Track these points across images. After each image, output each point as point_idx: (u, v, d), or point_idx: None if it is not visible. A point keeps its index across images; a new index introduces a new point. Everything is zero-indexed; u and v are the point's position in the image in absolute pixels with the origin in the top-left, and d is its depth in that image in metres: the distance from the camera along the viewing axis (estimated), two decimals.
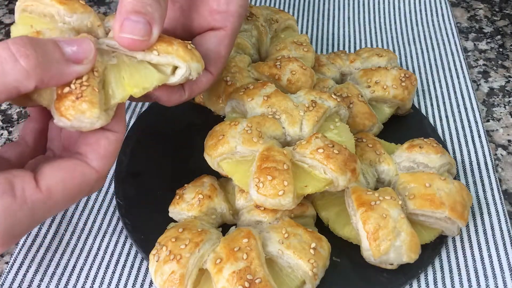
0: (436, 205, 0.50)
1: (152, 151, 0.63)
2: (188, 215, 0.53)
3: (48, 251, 0.54)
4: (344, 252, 0.52)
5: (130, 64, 0.44)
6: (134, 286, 0.52)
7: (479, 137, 0.65)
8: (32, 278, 0.52)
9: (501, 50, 0.80)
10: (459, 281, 0.52)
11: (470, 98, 0.71)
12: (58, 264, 0.54)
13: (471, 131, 0.66)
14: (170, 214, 0.54)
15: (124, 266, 0.54)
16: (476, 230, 0.56)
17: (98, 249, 0.55)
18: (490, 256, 0.54)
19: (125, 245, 0.56)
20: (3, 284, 0.51)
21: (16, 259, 0.53)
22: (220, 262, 0.46)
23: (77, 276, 0.53)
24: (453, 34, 0.81)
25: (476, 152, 0.64)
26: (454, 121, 0.68)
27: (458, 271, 0.53)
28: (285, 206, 0.49)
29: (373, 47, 0.71)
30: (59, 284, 0.52)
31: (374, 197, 0.51)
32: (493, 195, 0.59)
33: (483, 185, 0.60)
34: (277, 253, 0.48)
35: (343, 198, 0.53)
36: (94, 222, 0.57)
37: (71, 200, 0.42)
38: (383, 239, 0.48)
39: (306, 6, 0.88)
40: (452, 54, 0.78)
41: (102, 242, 0.56)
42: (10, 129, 0.69)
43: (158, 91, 0.48)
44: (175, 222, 0.54)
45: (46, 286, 0.52)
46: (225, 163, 0.52)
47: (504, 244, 0.54)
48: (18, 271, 0.53)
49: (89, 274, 0.53)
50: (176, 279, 0.46)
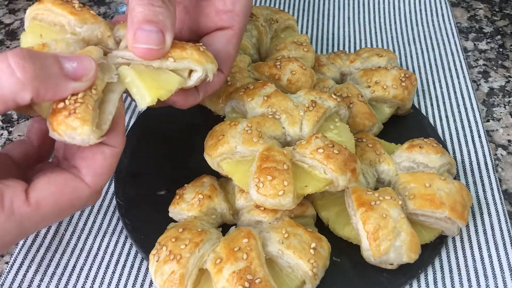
0: (436, 205, 0.50)
1: (152, 151, 0.63)
2: (188, 215, 0.53)
3: (48, 251, 0.54)
4: (344, 252, 0.52)
5: (149, 71, 0.44)
6: (134, 286, 0.52)
7: (479, 137, 0.65)
8: (32, 278, 0.52)
9: (501, 50, 0.80)
10: (459, 281, 0.52)
11: (470, 98, 0.71)
12: (58, 264, 0.54)
13: (471, 131, 0.66)
14: (170, 214, 0.54)
15: (124, 266, 0.54)
16: (476, 230, 0.56)
17: (98, 249, 0.55)
18: (490, 256, 0.54)
19: (125, 245, 0.56)
20: (3, 284, 0.51)
21: (16, 259, 0.53)
22: (220, 262, 0.46)
23: (77, 276, 0.53)
24: (453, 34, 0.81)
25: (476, 152, 0.64)
26: (454, 121, 0.68)
27: (458, 271, 0.53)
28: (285, 206, 0.49)
29: (373, 47, 0.71)
30: (59, 284, 0.52)
31: (374, 197, 0.51)
32: (493, 195, 0.59)
33: (483, 185, 0.60)
34: (277, 253, 0.48)
35: (343, 198, 0.53)
36: (94, 222, 0.57)
37: (62, 214, 0.42)
38: (383, 239, 0.48)
39: (306, 6, 0.88)
40: (452, 54, 0.78)
41: (102, 242, 0.56)
42: (10, 129, 0.69)
43: (174, 95, 0.47)
44: (175, 222, 0.54)
45: (46, 286, 0.52)
46: (225, 163, 0.52)
47: (504, 244, 0.54)
48: (18, 271, 0.53)
49: (89, 274, 0.53)
50: (176, 279, 0.46)
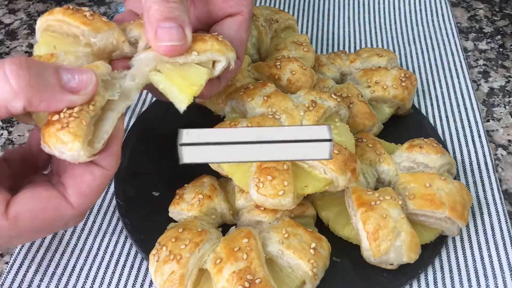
0: (436, 205, 0.50)
1: (152, 151, 0.63)
2: (188, 215, 0.53)
3: (48, 251, 0.54)
4: (344, 252, 0.52)
5: (177, 70, 0.44)
6: (134, 286, 0.52)
7: (479, 137, 0.65)
8: (32, 278, 0.52)
9: (501, 50, 0.80)
10: (459, 281, 0.52)
11: (470, 98, 0.71)
12: (58, 264, 0.54)
13: (471, 131, 0.66)
14: (170, 214, 0.54)
15: (124, 266, 0.54)
16: (476, 230, 0.56)
17: (98, 249, 0.55)
18: (490, 256, 0.54)
19: (125, 245, 0.56)
20: (3, 284, 0.51)
21: (16, 259, 0.53)
22: (220, 262, 0.46)
23: (77, 276, 0.53)
24: (453, 34, 0.81)
25: (476, 152, 0.64)
26: (454, 121, 0.68)
27: (458, 271, 0.53)
28: (285, 206, 0.49)
29: (373, 47, 0.71)
30: (59, 284, 0.52)
31: (374, 197, 0.51)
32: (493, 195, 0.59)
33: (483, 185, 0.60)
34: (277, 253, 0.48)
35: (343, 198, 0.53)
36: (94, 222, 0.57)
37: (40, 232, 0.41)
38: (383, 239, 0.48)
39: (306, 6, 0.88)
40: (452, 54, 0.78)
41: (102, 242, 0.56)
42: (10, 129, 0.69)
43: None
44: (175, 222, 0.54)
45: (46, 286, 0.52)
46: (225, 164, 0.52)
47: (504, 244, 0.54)
48: (18, 271, 0.53)
49: (89, 274, 0.53)
50: (176, 279, 0.46)
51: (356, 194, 0.51)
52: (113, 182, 0.60)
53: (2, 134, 0.68)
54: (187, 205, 0.53)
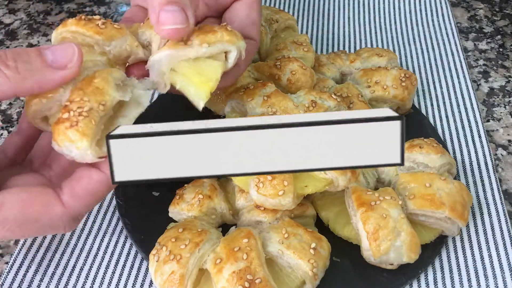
0: (436, 205, 0.50)
1: None
2: (188, 215, 0.53)
3: (48, 251, 0.54)
4: (344, 252, 0.52)
5: (192, 67, 0.44)
6: (134, 286, 0.52)
7: (479, 137, 0.65)
8: (32, 278, 0.52)
9: (501, 50, 0.80)
10: (459, 281, 0.52)
11: (470, 98, 0.71)
12: (58, 264, 0.54)
13: (471, 131, 0.66)
14: (170, 214, 0.54)
15: (124, 266, 0.54)
16: (476, 230, 0.56)
17: (98, 249, 0.55)
18: (490, 256, 0.54)
19: (125, 245, 0.56)
20: (3, 284, 0.51)
21: (16, 259, 0.53)
22: (220, 262, 0.46)
23: (77, 276, 0.53)
24: (453, 34, 0.81)
25: (476, 152, 0.64)
26: (454, 121, 0.68)
27: (458, 271, 0.53)
28: (285, 206, 0.49)
29: (373, 47, 0.71)
30: (59, 284, 0.52)
31: (374, 197, 0.51)
32: (493, 195, 0.59)
33: (483, 185, 0.60)
34: (277, 253, 0.48)
35: (343, 198, 0.53)
36: (94, 222, 0.57)
37: (26, 224, 0.40)
38: (383, 239, 0.48)
39: (306, 6, 0.88)
40: (452, 54, 0.78)
41: (102, 242, 0.56)
42: (10, 129, 0.69)
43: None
44: (175, 222, 0.54)
45: (46, 286, 0.52)
46: None
47: (504, 244, 0.54)
48: (18, 271, 0.53)
49: (89, 274, 0.53)
50: (176, 279, 0.46)
51: (356, 194, 0.51)
52: None
53: (2, 134, 0.68)
54: (187, 205, 0.53)
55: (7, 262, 0.54)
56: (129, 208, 0.56)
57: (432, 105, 0.70)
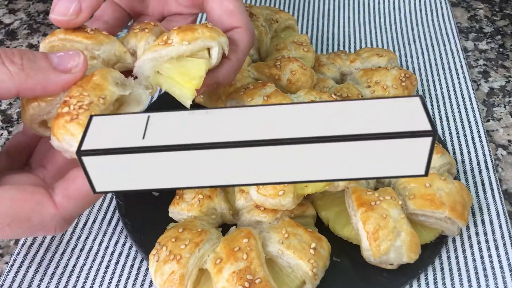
0: (436, 205, 0.50)
1: None
2: (188, 215, 0.53)
3: (48, 251, 0.54)
4: (344, 252, 0.52)
5: (174, 67, 0.44)
6: (134, 286, 0.52)
7: (479, 137, 0.65)
8: (32, 278, 0.52)
9: (501, 50, 0.80)
10: (459, 281, 0.52)
11: (470, 98, 0.71)
12: (58, 264, 0.54)
13: (471, 131, 0.66)
14: (170, 214, 0.54)
15: (124, 266, 0.54)
16: (476, 230, 0.56)
17: (98, 249, 0.55)
18: (490, 256, 0.54)
19: (125, 245, 0.56)
20: (3, 284, 0.52)
21: (16, 259, 0.53)
22: (220, 262, 0.46)
23: (77, 276, 0.53)
24: (453, 34, 0.81)
25: (476, 152, 0.64)
26: (454, 121, 0.68)
27: (458, 271, 0.53)
28: (285, 206, 0.49)
29: (373, 47, 0.71)
30: (59, 284, 0.52)
31: (374, 197, 0.51)
32: (493, 195, 0.59)
33: (483, 185, 0.60)
34: (277, 253, 0.48)
35: (343, 198, 0.53)
36: (94, 222, 0.57)
37: (16, 222, 0.39)
38: (383, 239, 0.48)
39: (306, 6, 0.88)
40: (452, 54, 0.78)
41: (102, 242, 0.56)
42: (10, 129, 0.69)
43: (211, 77, 0.47)
44: (175, 222, 0.54)
45: (46, 286, 0.52)
46: None
47: (504, 244, 0.54)
48: (18, 271, 0.53)
49: (89, 274, 0.53)
50: (176, 279, 0.46)
51: (356, 194, 0.51)
52: None
53: (2, 134, 0.68)
54: (187, 205, 0.53)
55: (7, 262, 0.54)
56: (129, 208, 0.57)
57: (432, 105, 0.70)
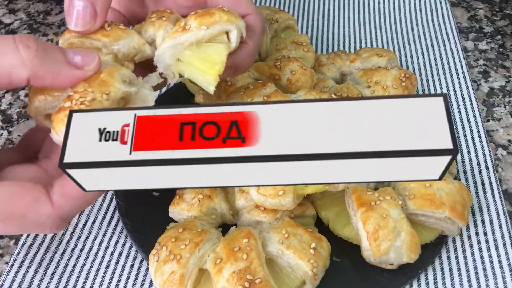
0: (436, 205, 0.50)
1: None
2: (188, 215, 0.53)
3: (48, 251, 0.54)
4: (344, 252, 0.52)
5: (195, 53, 0.44)
6: (134, 286, 0.52)
7: (479, 137, 0.65)
8: (32, 278, 0.52)
9: (501, 50, 0.80)
10: (459, 281, 0.52)
11: (470, 98, 0.71)
12: (58, 264, 0.54)
13: (471, 131, 0.66)
14: (170, 214, 0.54)
15: (124, 266, 0.54)
16: (476, 230, 0.56)
17: (98, 249, 0.55)
18: (490, 256, 0.54)
19: (125, 245, 0.56)
20: (3, 284, 0.52)
21: (16, 259, 0.53)
22: (220, 262, 0.46)
23: (77, 276, 0.53)
24: (453, 34, 0.81)
25: (476, 152, 0.64)
26: (454, 121, 0.68)
27: (458, 271, 0.53)
28: (285, 206, 0.49)
29: (373, 47, 0.71)
30: (59, 284, 0.52)
31: (374, 197, 0.51)
32: (493, 195, 0.59)
33: (483, 185, 0.60)
34: (277, 253, 0.48)
35: (343, 198, 0.53)
36: (94, 222, 0.57)
37: (10, 219, 0.39)
38: (383, 239, 0.48)
39: (306, 6, 0.88)
40: (452, 54, 0.78)
41: (102, 242, 0.56)
42: (10, 129, 0.69)
43: (231, 62, 0.46)
44: (175, 222, 0.54)
45: (46, 286, 0.52)
46: None
47: (504, 244, 0.54)
48: (18, 271, 0.53)
49: (89, 274, 0.53)
50: (176, 279, 0.46)
51: (356, 194, 0.51)
52: None
53: (2, 134, 0.68)
54: (187, 205, 0.53)
55: (7, 262, 0.54)
56: (129, 208, 0.57)
57: None
